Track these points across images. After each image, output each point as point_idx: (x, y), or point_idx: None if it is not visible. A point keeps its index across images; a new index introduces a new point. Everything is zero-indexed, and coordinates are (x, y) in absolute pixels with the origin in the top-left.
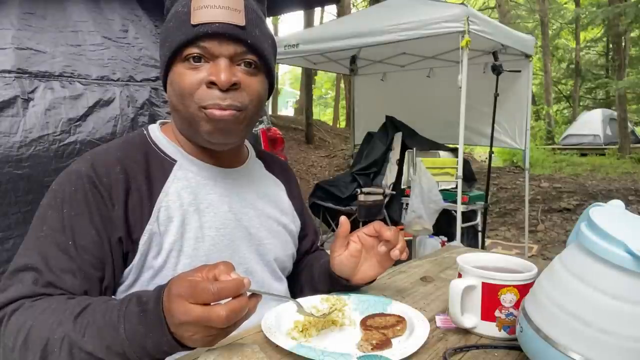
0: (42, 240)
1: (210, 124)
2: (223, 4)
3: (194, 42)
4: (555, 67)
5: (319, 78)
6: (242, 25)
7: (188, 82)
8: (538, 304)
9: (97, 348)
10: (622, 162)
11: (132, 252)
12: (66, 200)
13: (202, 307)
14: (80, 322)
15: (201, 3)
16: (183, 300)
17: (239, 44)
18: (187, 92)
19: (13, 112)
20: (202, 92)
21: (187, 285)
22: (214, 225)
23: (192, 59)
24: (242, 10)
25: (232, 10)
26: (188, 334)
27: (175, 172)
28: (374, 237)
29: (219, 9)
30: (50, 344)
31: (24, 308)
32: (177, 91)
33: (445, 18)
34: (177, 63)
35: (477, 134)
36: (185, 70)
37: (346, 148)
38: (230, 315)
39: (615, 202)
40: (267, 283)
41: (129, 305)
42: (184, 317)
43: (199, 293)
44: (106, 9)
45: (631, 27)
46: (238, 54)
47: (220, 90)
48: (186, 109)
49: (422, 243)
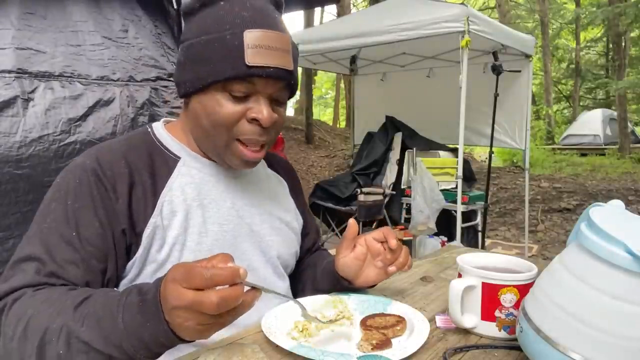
0: (45, 231)
1: (240, 159)
2: (278, 45)
3: (244, 79)
4: (555, 67)
5: (319, 78)
6: (291, 70)
7: (228, 114)
8: (538, 304)
9: (94, 338)
10: (622, 162)
11: (135, 244)
12: (70, 192)
13: (194, 291)
14: (80, 312)
15: (257, 42)
16: (177, 284)
17: (283, 83)
18: (226, 123)
19: (13, 112)
20: (242, 127)
21: (182, 270)
22: (217, 221)
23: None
24: (289, 50)
25: (284, 52)
26: (180, 320)
27: (179, 169)
28: (382, 242)
29: (274, 51)
30: (49, 333)
31: (26, 297)
32: (212, 118)
33: (445, 18)
34: (217, 90)
35: (477, 134)
36: (225, 102)
37: (346, 148)
38: (222, 302)
39: (615, 202)
40: (269, 280)
41: (129, 295)
42: (176, 301)
43: (192, 277)
44: (106, 9)
45: (631, 27)
46: (277, 91)
47: (261, 127)
48: (219, 136)
49: (422, 243)
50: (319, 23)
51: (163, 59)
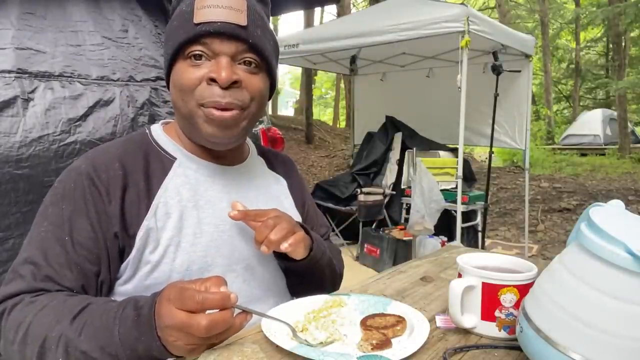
0: (42, 235)
1: (210, 124)
2: (226, 3)
3: (195, 40)
4: (555, 67)
5: (319, 78)
6: (244, 25)
7: (188, 78)
8: (538, 304)
9: (91, 348)
10: (622, 162)
11: (128, 247)
12: (65, 196)
13: (186, 313)
14: (78, 321)
15: (204, 3)
16: (170, 304)
17: (240, 42)
18: (188, 89)
19: (13, 112)
20: (202, 89)
21: (176, 290)
22: (213, 222)
23: (194, 56)
24: (244, 10)
25: (235, 10)
26: (171, 339)
27: (174, 169)
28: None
29: (221, 9)
30: (48, 341)
31: (24, 303)
32: (178, 87)
33: (445, 18)
34: (179, 61)
35: (477, 134)
36: (186, 68)
37: (346, 148)
38: (210, 326)
39: (615, 202)
40: (267, 280)
41: (126, 308)
42: (168, 320)
43: (185, 299)
44: (106, 9)
45: (631, 27)
46: (239, 53)
47: (221, 88)
48: (186, 105)
49: (422, 243)
50: (319, 23)
51: (163, 59)
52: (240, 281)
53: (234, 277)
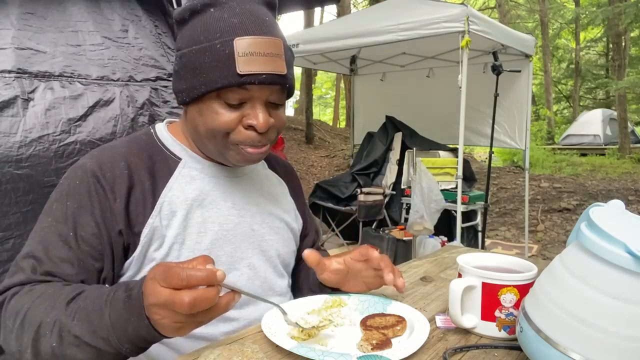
0: (46, 230)
1: (242, 156)
2: (269, 50)
3: (238, 88)
4: (555, 67)
5: (319, 78)
6: (284, 74)
7: (224, 122)
8: (538, 304)
9: (84, 332)
10: (622, 162)
11: (133, 244)
12: (70, 193)
13: (170, 290)
14: (72, 307)
15: (247, 49)
16: (155, 282)
17: (278, 87)
18: (222, 131)
19: (13, 112)
20: (238, 133)
21: (162, 269)
22: (217, 221)
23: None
24: (282, 54)
25: (276, 57)
26: (157, 317)
27: (179, 170)
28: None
29: (264, 57)
30: (43, 326)
31: (23, 292)
32: (209, 127)
33: (445, 18)
34: (213, 99)
35: (477, 134)
36: (219, 109)
37: (346, 148)
38: (194, 302)
39: (615, 202)
40: (269, 279)
41: (117, 291)
42: (153, 298)
43: (169, 276)
44: (106, 9)
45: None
46: (273, 94)
47: (257, 133)
48: (216, 142)
49: (422, 243)
50: (319, 23)
51: (163, 59)
52: (243, 280)
53: (237, 275)
